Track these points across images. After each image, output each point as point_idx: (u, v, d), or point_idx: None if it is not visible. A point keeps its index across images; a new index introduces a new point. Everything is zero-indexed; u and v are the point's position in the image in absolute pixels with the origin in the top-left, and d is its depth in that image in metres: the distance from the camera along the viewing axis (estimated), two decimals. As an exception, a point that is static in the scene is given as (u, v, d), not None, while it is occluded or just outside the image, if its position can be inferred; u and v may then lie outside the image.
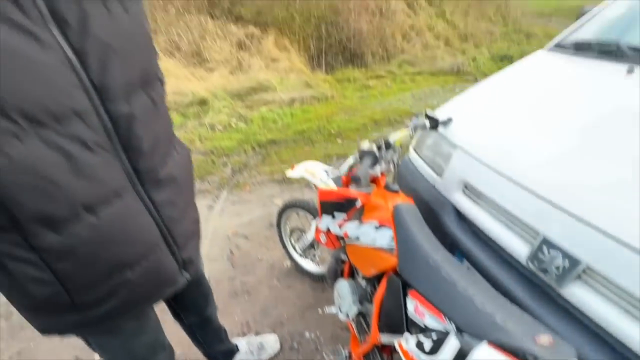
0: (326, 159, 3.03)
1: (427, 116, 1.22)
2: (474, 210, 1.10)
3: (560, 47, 1.42)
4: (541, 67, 1.37)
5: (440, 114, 1.33)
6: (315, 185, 1.38)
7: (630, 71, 1.07)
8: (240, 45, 5.62)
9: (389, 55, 6.31)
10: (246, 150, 3.24)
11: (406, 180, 1.39)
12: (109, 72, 0.49)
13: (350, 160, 1.03)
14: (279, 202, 2.50)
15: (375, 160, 0.95)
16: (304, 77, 5.10)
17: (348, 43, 6.12)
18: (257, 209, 2.44)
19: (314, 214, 1.54)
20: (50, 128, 0.44)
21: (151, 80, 0.58)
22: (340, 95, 4.81)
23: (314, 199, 2.23)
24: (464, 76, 5.54)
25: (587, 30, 1.40)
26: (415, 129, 1.18)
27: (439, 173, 1.27)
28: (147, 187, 0.59)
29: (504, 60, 6.05)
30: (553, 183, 0.88)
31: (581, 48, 1.31)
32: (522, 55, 6.34)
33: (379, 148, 0.98)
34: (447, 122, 1.29)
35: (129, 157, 0.55)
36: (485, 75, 5.67)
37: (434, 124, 1.22)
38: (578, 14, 1.63)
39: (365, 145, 0.98)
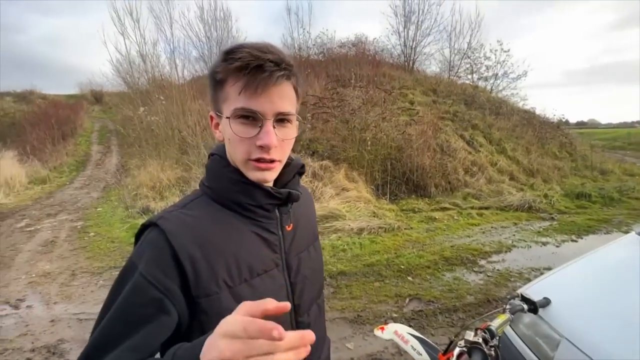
0: (398, 299, 2.97)
1: (524, 298, 1.25)
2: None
3: (656, 231, 1.43)
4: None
5: (534, 292, 1.34)
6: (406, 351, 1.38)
7: None
8: (315, 176, 6.46)
9: (452, 187, 6.58)
10: (317, 280, 3.35)
11: (506, 362, 1.32)
12: (303, 296, 0.70)
13: (457, 350, 1.07)
14: (351, 347, 2.42)
15: (485, 357, 0.98)
16: (371, 206, 5.48)
17: (411, 175, 6.63)
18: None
19: (402, 382, 1.48)
20: None
21: (321, 292, 0.79)
22: (405, 225, 4.95)
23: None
24: (537, 213, 5.36)
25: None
26: (514, 312, 1.20)
27: (546, 362, 1.20)
28: None
29: (581, 198, 5.83)
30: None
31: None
32: (600, 193, 5.98)
33: (485, 342, 1.01)
34: (545, 304, 1.29)
35: None
36: (562, 213, 5.44)
37: (533, 307, 1.23)
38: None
39: (471, 335, 1.03)
